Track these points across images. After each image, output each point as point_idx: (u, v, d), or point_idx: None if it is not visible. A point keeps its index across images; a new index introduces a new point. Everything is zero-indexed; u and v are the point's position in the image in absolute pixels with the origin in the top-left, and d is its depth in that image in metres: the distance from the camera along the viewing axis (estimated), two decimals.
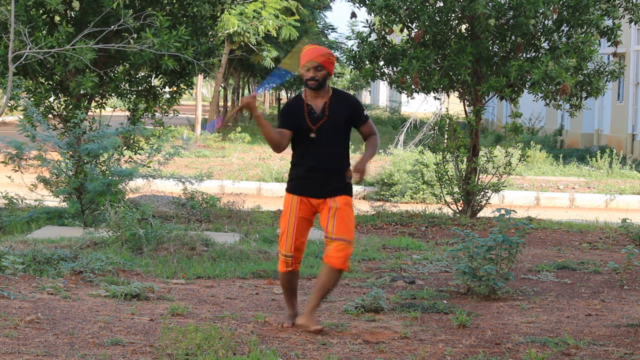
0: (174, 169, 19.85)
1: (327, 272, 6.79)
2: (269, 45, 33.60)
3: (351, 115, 6.85)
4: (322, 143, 6.78)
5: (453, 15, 13.28)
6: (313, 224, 7.00)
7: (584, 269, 9.84)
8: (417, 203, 17.84)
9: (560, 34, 13.37)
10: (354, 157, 6.93)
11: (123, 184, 11.58)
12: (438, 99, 14.86)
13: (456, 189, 13.60)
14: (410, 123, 29.40)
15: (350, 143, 7.00)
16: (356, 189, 18.57)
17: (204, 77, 38.84)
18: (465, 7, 12.81)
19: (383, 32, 13.57)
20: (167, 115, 13.85)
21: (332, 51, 7.09)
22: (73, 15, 13.33)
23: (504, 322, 7.37)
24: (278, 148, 6.79)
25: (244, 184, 19.85)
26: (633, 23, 13.65)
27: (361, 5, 13.66)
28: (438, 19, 13.21)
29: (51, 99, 13.48)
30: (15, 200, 12.20)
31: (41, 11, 12.87)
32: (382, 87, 63.90)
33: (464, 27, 13.50)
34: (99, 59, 12.73)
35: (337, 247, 6.73)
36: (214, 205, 12.88)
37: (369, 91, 74.38)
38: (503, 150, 13.79)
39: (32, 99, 12.89)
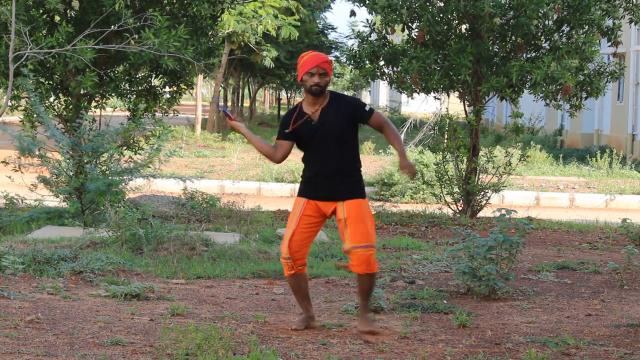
0: (174, 169, 19.85)
1: (357, 279, 6.87)
2: (268, 45, 33.60)
3: (352, 116, 6.77)
4: (321, 149, 6.72)
5: (454, 14, 13.26)
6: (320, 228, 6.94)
7: (584, 269, 9.84)
8: (417, 203, 17.83)
9: (561, 34, 13.36)
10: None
11: (123, 184, 11.58)
12: (438, 99, 14.85)
13: (456, 189, 13.59)
14: (410, 123, 29.40)
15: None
16: None
17: (204, 77, 38.82)
18: (468, 6, 12.78)
19: (384, 31, 13.56)
20: (167, 115, 13.85)
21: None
22: (73, 15, 13.33)
23: (504, 322, 7.37)
24: (272, 159, 6.85)
25: (244, 184, 19.84)
26: (633, 23, 13.65)
27: (361, 4, 13.64)
28: (439, 18, 13.20)
29: (51, 99, 13.48)
30: (15, 200, 12.20)
31: (41, 11, 12.87)
32: (382, 87, 63.89)
33: (464, 27, 13.49)
34: (99, 59, 12.73)
35: (355, 256, 6.69)
36: (214, 205, 12.88)
37: (369, 91, 74.36)
38: (503, 150, 13.78)
39: (33, 99, 12.88)
